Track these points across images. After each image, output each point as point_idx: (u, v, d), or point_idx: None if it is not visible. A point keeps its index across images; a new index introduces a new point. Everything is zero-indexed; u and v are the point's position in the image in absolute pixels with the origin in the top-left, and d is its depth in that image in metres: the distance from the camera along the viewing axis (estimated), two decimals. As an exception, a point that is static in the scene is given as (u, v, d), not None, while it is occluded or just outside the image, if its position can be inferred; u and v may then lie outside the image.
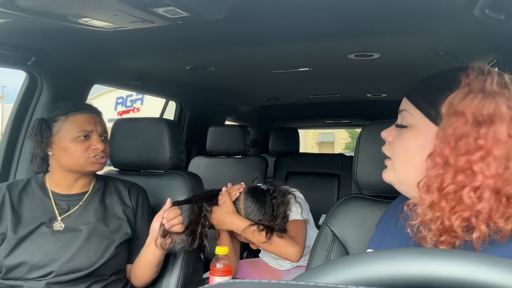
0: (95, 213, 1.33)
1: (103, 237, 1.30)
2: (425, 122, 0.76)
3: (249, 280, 0.35)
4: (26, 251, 1.23)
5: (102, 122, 1.37)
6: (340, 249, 1.12)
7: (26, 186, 1.34)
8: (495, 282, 0.37)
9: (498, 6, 1.02)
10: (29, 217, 1.28)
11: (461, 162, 0.66)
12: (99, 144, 1.31)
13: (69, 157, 1.30)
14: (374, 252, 0.42)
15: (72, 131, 1.29)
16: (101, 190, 1.40)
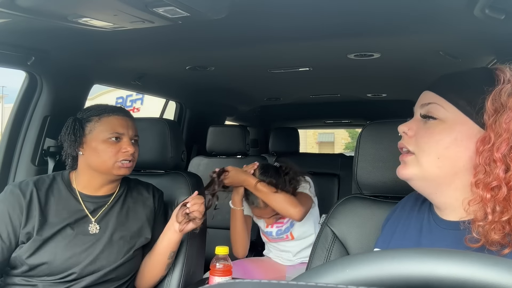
0: (118, 217, 1.34)
1: (125, 241, 1.32)
2: (459, 116, 0.75)
3: (249, 280, 0.35)
4: (50, 252, 1.22)
5: (134, 126, 1.37)
6: (340, 249, 1.12)
7: (52, 184, 1.33)
8: (495, 282, 0.37)
9: (498, 6, 1.02)
10: (55, 217, 1.27)
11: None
12: (129, 147, 1.31)
13: (99, 158, 1.30)
14: (374, 252, 0.42)
15: (104, 132, 1.30)
16: (125, 193, 1.41)
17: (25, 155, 1.69)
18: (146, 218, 1.39)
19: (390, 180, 1.08)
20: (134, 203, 1.40)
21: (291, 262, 1.93)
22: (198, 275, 1.65)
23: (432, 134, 0.77)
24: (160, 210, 1.46)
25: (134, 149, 1.33)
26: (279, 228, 1.88)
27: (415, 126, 0.80)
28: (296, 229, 1.87)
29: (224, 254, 1.32)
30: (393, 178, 0.87)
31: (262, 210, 1.76)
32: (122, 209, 1.36)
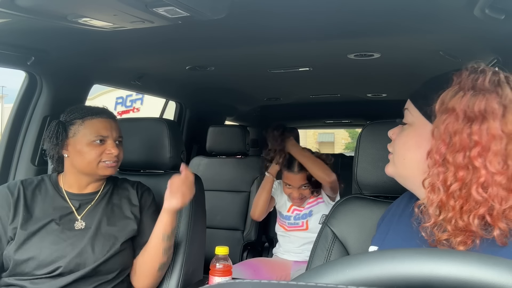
0: (104, 213, 1.36)
1: (110, 235, 1.33)
2: (421, 120, 0.79)
3: (249, 280, 0.35)
4: (35, 246, 1.25)
5: (117, 127, 1.40)
6: (340, 249, 1.12)
7: (40, 184, 1.37)
8: (495, 282, 0.37)
9: (498, 6, 1.02)
10: (40, 213, 1.30)
11: (459, 159, 0.67)
12: (113, 149, 1.34)
13: (84, 160, 1.33)
14: (374, 252, 0.42)
15: (88, 135, 1.32)
16: (110, 190, 1.42)
17: (25, 155, 1.69)
18: (131, 214, 1.40)
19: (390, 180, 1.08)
20: (120, 200, 1.42)
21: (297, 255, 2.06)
22: (198, 275, 1.65)
23: (401, 137, 0.84)
24: (146, 205, 1.45)
25: (118, 151, 1.36)
26: (297, 213, 2.10)
27: (397, 131, 0.87)
28: (313, 221, 2.06)
29: (224, 254, 1.32)
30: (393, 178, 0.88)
31: (296, 175, 2.03)
32: (107, 205, 1.39)
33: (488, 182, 0.65)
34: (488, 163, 0.65)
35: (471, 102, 0.68)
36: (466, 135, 0.67)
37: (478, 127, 0.67)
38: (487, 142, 0.66)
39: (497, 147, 0.65)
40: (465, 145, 0.67)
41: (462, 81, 0.72)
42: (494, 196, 0.65)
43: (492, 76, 0.71)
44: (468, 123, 0.68)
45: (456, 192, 0.67)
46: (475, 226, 0.65)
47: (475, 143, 0.66)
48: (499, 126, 0.66)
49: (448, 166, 0.68)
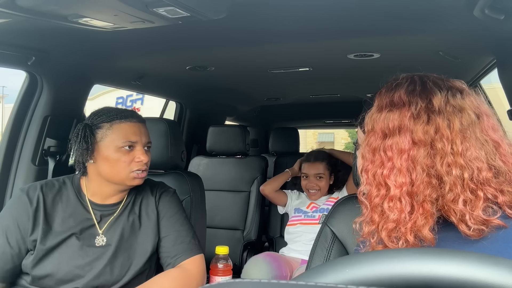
0: (124, 227, 1.28)
1: (129, 254, 1.25)
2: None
3: (249, 280, 0.35)
4: (53, 263, 1.18)
5: (147, 132, 1.30)
6: (340, 249, 1.12)
7: (61, 189, 1.28)
8: (495, 282, 0.37)
9: (498, 6, 1.02)
10: (60, 225, 1.22)
11: (378, 176, 0.69)
12: (143, 156, 1.24)
13: (112, 168, 1.23)
14: (374, 252, 0.42)
15: (117, 140, 1.23)
16: (133, 200, 1.33)
17: (26, 155, 1.69)
18: (150, 228, 1.31)
19: (390, 180, 1.09)
20: (140, 210, 1.33)
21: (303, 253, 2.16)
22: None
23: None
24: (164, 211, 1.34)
25: (148, 158, 1.27)
26: (315, 208, 2.29)
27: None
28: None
29: (224, 254, 1.32)
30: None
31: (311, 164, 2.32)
32: (128, 218, 1.29)
33: (396, 196, 0.67)
34: (394, 178, 0.67)
35: (386, 120, 0.71)
36: (383, 151, 0.69)
37: (390, 142, 0.69)
38: (394, 156, 0.68)
39: (399, 161, 0.67)
40: (382, 161, 0.69)
41: (380, 99, 0.75)
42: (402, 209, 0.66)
43: (407, 87, 0.72)
44: (384, 139, 0.70)
45: (378, 207, 0.69)
46: (385, 239, 0.67)
47: (389, 158, 0.68)
48: (408, 139, 0.67)
49: (372, 184, 0.71)
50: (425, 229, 0.65)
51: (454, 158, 0.65)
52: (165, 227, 1.31)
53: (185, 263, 1.27)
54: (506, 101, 1.50)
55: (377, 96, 0.77)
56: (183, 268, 1.26)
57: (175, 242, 1.29)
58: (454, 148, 0.65)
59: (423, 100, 0.69)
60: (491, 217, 0.63)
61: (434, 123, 0.67)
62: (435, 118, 0.67)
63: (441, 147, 0.66)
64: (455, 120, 0.67)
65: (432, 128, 0.67)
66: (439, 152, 0.66)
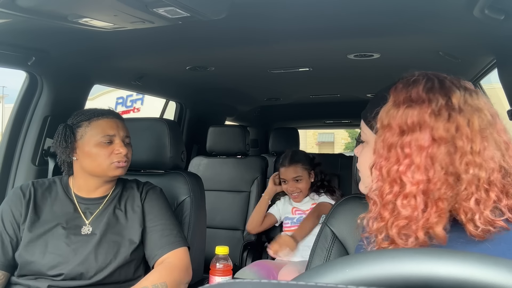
0: (110, 219, 1.33)
1: (114, 243, 1.30)
2: (373, 137, 0.79)
3: (249, 280, 0.35)
4: (39, 250, 1.25)
5: (124, 127, 1.39)
6: (340, 249, 1.12)
7: (51, 186, 1.38)
8: (495, 282, 0.37)
9: (498, 6, 1.02)
10: (47, 216, 1.30)
11: (392, 173, 0.68)
12: (122, 149, 1.33)
13: (93, 162, 1.32)
14: (374, 252, 0.42)
15: (96, 135, 1.32)
16: (118, 194, 1.40)
17: (26, 155, 1.69)
18: (136, 220, 1.36)
19: (390, 180, 1.08)
20: (125, 205, 1.38)
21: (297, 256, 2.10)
22: (198, 275, 1.65)
23: (361, 156, 0.86)
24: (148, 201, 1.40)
25: (127, 150, 1.35)
26: (300, 214, 2.22)
27: (361, 149, 0.88)
28: None
29: (224, 254, 1.32)
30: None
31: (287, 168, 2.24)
32: (114, 211, 1.36)
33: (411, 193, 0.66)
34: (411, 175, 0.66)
35: (404, 116, 0.69)
36: (400, 148, 0.68)
37: (408, 139, 0.68)
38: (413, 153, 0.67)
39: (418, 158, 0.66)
40: (398, 158, 0.68)
41: (396, 94, 0.73)
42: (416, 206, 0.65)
43: (425, 84, 0.71)
44: (402, 136, 0.69)
45: (389, 204, 0.68)
46: (395, 236, 0.66)
47: (406, 155, 0.67)
48: (428, 136, 0.66)
49: (384, 180, 0.70)
50: (438, 227, 0.64)
51: (472, 157, 0.65)
52: (151, 220, 1.37)
53: (170, 255, 1.32)
54: (506, 101, 1.50)
55: (392, 91, 0.74)
56: (166, 263, 1.31)
57: (162, 234, 1.35)
58: (473, 147, 0.65)
59: (443, 98, 0.68)
60: (497, 218, 0.64)
61: (455, 121, 0.66)
62: (456, 116, 0.67)
63: (462, 145, 0.65)
64: (475, 119, 0.67)
65: (453, 126, 0.66)
66: (459, 150, 0.65)
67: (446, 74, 0.75)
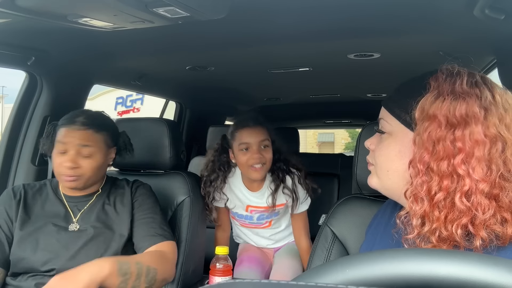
0: (98, 215, 1.35)
1: (104, 238, 1.31)
2: (401, 129, 0.75)
3: (249, 280, 0.35)
4: (30, 246, 1.26)
5: (81, 136, 1.31)
6: (340, 249, 1.12)
7: (41, 188, 1.40)
8: (495, 282, 0.37)
9: (498, 6, 1.02)
10: (37, 215, 1.33)
11: (443, 167, 0.65)
12: (67, 163, 1.27)
13: (54, 168, 1.34)
14: (374, 252, 0.42)
15: (56, 142, 1.33)
16: (107, 191, 1.41)
17: (25, 155, 1.69)
18: (125, 214, 1.37)
19: (390, 180, 1.08)
20: (114, 201, 1.39)
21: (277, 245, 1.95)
22: (198, 275, 1.65)
23: (381, 148, 0.79)
24: (138, 197, 1.41)
25: (76, 165, 1.28)
26: (260, 214, 1.84)
27: (376, 140, 0.83)
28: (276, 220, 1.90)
29: (224, 254, 1.32)
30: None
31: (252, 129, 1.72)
32: (102, 207, 1.37)
33: (471, 190, 0.63)
34: (472, 170, 0.63)
35: (452, 107, 0.66)
36: (450, 142, 0.65)
37: (461, 132, 0.65)
38: (470, 148, 0.64)
39: (480, 152, 0.63)
40: (449, 153, 0.65)
41: (440, 85, 0.69)
42: (477, 205, 0.63)
43: (468, 78, 0.69)
44: (451, 129, 0.65)
45: (440, 202, 0.65)
46: (459, 236, 0.64)
47: (459, 149, 0.64)
48: (481, 131, 0.64)
49: (432, 175, 0.66)
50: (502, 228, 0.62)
51: None
52: (140, 213, 1.38)
53: (160, 245, 1.32)
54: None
55: (433, 81, 0.71)
56: (158, 250, 1.31)
57: (150, 226, 1.36)
58: None
59: (489, 93, 0.67)
60: None
61: (503, 118, 0.65)
62: (503, 114, 0.66)
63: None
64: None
65: (502, 122, 0.65)
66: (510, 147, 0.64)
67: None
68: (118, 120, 1.75)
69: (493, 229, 0.62)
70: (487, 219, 0.62)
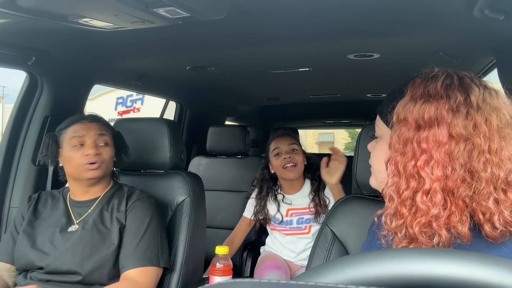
0: (95, 219, 1.37)
1: (92, 240, 1.32)
2: (388, 132, 0.78)
3: (249, 280, 0.35)
4: (28, 244, 1.33)
5: (97, 128, 1.41)
6: (340, 249, 1.12)
7: (54, 194, 1.47)
8: (495, 281, 0.37)
9: (498, 6, 1.02)
10: (44, 217, 1.40)
11: (409, 168, 0.67)
12: (90, 150, 1.35)
13: (69, 165, 1.39)
14: (373, 252, 0.42)
15: (69, 140, 1.37)
16: (108, 197, 1.43)
17: (26, 155, 1.69)
18: (117, 223, 1.37)
19: (389, 180, 1.08)
20: (112, 207, 1.40)
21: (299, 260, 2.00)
22: (198, 274, 1.65)
23: (374, 151, 0.85)
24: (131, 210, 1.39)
25: (98, 151, 1.37)
26: (299, 216, 1.99)
27: (374, 144, 0.87)
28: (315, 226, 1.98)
29: (224, 254, 1.32)
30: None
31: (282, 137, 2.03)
32: (101, 211, 1.39)
33: (431, 190, 0.65)
34: (430, 171, 0.65)
35: (421, 110, 0.68)
36: (416, 143, 0.67)
37: (426, 134, 0.67)
38: (432, 148, 0.66)
39: (438, 154, 0.65)
40: (415, 154, 0.67)
41: (414, 89, 0.72)
42: (436, 203, 0.64)
43: (444, 80, 0.71)
44: (418, 131, 0.68)
45: (407, 201, 0.67)
46: (417, 233, 0.65)
47: (423, 150, 0.66)
48: (446, 132, 0.66)
49: (401, 175, 0.69)
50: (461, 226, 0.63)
51: (490, 156, 0.64)
52: (129, 232, 1.36)
53: (137, 272, 1.31)
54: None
55: (410, 85, 0.74)
56: (131, 281, 1.30)
57: (139, 246, 1.34)
58: (491, 146, 0.65)
59: (461, 94, 0.68)
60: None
61: (473, 119, 0.66)
62: (474, 114, 0.66)
63: (479, 143, 0.65)
64: (493, 118, 0.66)
65: (471, 123, 0.66)
66: (477, 148, 0.65)
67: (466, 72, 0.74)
68: (119, 120, 1.75)
69: (455, 228, 0.64)
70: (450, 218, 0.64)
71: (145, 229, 1.36)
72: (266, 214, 2.04)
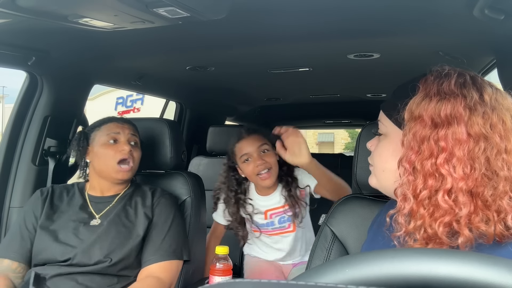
0: (118, 213, 1.41)
1: (119, 234, 1.37)
2: (394, 129, 0.78)
3: (249, 280, 0.35)
4: (50, 239, 1.35)
5: (131, 128, 1.49)
6: (340, 249, 1.12)
7: (69, 188, 1.52)
8: (495, 282, 0.37)
9: (498, 6, 1.02)
10: (62, 211, 1.43)
11: (427, 166, 0.66)
12: (125, 146, 1.42)
13: (100, 161, 1.44)
14: (373, 252, 0.42)
15: (103, 136, 1.45)
16: (130, 194, 1.48)
17: (26, 155, 1.69)
18: (144, 216, 1.43)
19: (390, 180, 1.08)
20: (136, 203, 1.45)
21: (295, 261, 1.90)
22: (198, 274, 1.65)
23: (377, 149, 0.83)
24: (158, 206, 1.46)
25: (132, 149, 1.44)
26: (280, 216, 1.80)
27: (375, 142, 0.86)
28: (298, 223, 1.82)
29: (224, 254, 1.32)
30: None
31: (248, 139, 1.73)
32: (125, 206, 1.43)
33: (454, 189, 0.64)
34: (453, 169, 0.64)
35: (437, 108, 0.67)
36: (433, 141, 0.66)
37: (444, 132, 0.66)
38: (452, 147, 0.65)
39: (461, 152, 0.64)
40: (433, 152, 0.66)
41: (428, 87, 0.71)
42: (459, 203, 0.64)
43: (457, 78, 0.70)
44: (435, 129, 0.67)
45: (425, 200, 0.66)
46: (440, 233, 0.65)
47: (442, 149, 0.66)
48: (464, 130, 0.65)
49: (417, 174, 0.68)
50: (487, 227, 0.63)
51: (507, 155, 0.64)
52: (155, 226, 1.43)
53: (158, 267, 1.37)
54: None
55: (423, 83, 0.73)
56: (154, 278, 1.34)
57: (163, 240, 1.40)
58: (508, 146, 0.65)
59: (476, 93, 0.68)
60: None
61: (489, 118, 0.66)
62: (490, 113, 0.66)
63: (497, 142, 0.64)
64: (507, 118, 0.66)
65: (488, 122, 0.66)
66: (495, 147, 0.64)
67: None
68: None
69: (478, 228, 0.63)
70: (471, 218, 0.64)
71: (170, 224, 1.44)
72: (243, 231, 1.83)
